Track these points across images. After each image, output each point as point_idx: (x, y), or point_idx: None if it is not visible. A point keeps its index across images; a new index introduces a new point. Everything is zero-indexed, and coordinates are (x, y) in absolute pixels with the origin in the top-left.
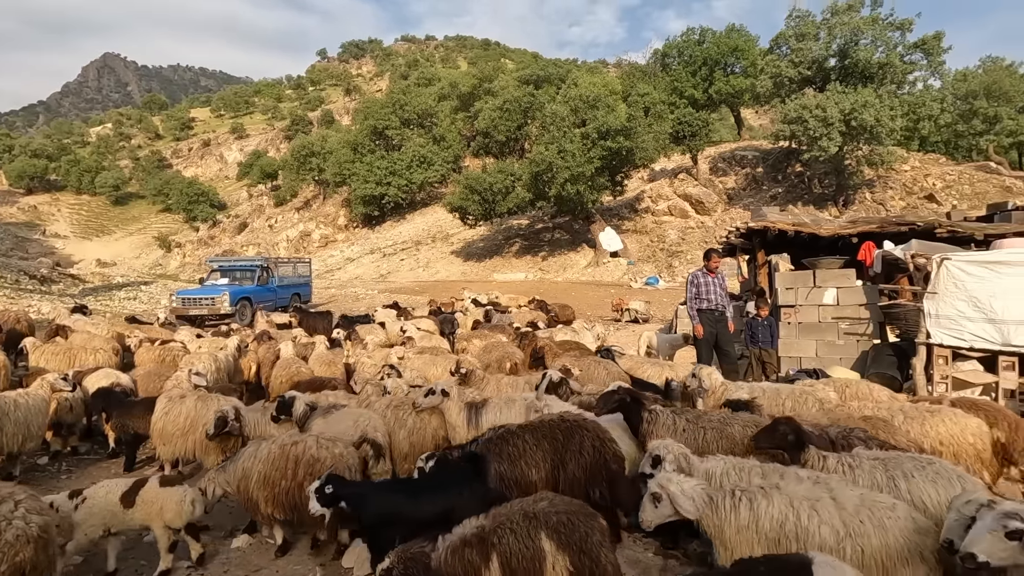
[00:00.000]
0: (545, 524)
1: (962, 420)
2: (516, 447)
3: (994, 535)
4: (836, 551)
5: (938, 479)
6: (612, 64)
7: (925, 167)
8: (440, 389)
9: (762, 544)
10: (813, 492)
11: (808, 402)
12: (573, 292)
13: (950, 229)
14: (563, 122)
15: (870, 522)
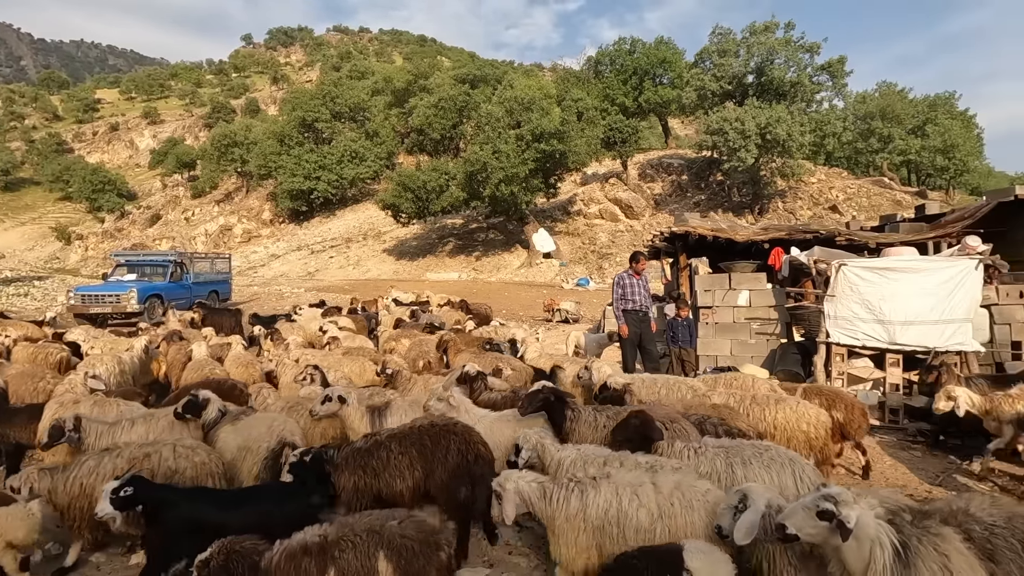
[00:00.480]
0: (388, 545)
1: (800, 409)
2: (381, 459)
3: (807, 512)
4: (649, 531)
5: (772, 464)
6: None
7: (830, 180)
8: (336, 395)
9: (587, 531)
10: (638, 478)
11: (680, 390)
12: (506, 292)
13: (848, 238)
14: (498, 123)
15: (680, 504)
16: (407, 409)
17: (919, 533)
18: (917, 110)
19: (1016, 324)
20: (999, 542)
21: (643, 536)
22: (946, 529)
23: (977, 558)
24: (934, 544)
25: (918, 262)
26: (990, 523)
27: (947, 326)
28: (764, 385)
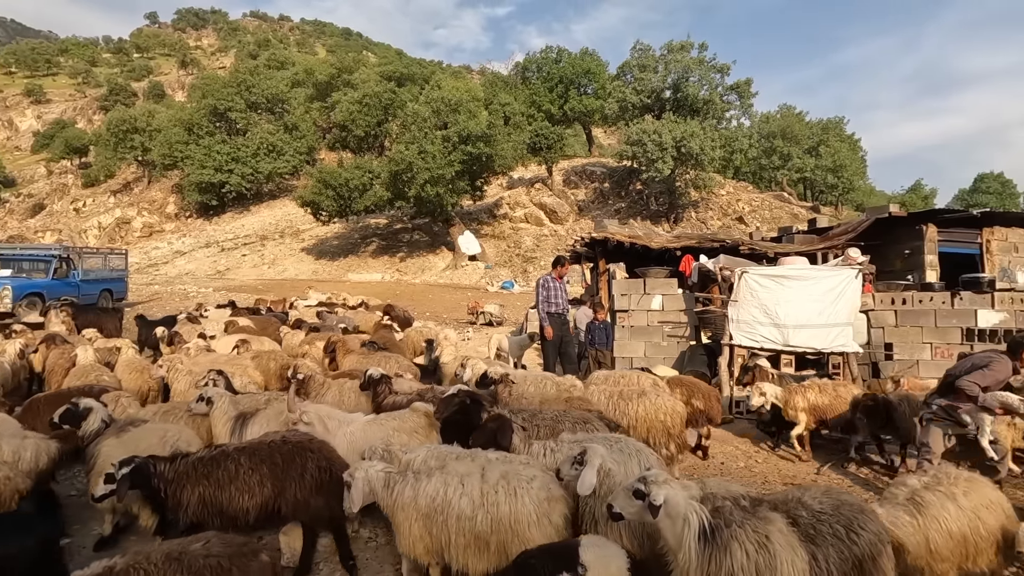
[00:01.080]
0: (190, 569)
1: (658, 402)
2: (228, 471)
3: (626, 493)
4: (471, 518)
5: (619, 455)
6: (476, 71)
7: (737, 193)
8: (207, 396)
9: (419, 520)
10: (469, 469)
11: (547, 386)
12: (431, 294)
13: (750, 247)
14: (425, 123)
15: (504, 492)
16: (273, 419)
17: (743, 517)
18: (812, 132)
19: (888, 328)
20: (823, 527)
21: (465, 523)
22: (773, 514)
23: (799, 540)
24: (754, 526)
25: (808, 271)
26: (818, 510)
27: (832, 329)
28: (647, 381)
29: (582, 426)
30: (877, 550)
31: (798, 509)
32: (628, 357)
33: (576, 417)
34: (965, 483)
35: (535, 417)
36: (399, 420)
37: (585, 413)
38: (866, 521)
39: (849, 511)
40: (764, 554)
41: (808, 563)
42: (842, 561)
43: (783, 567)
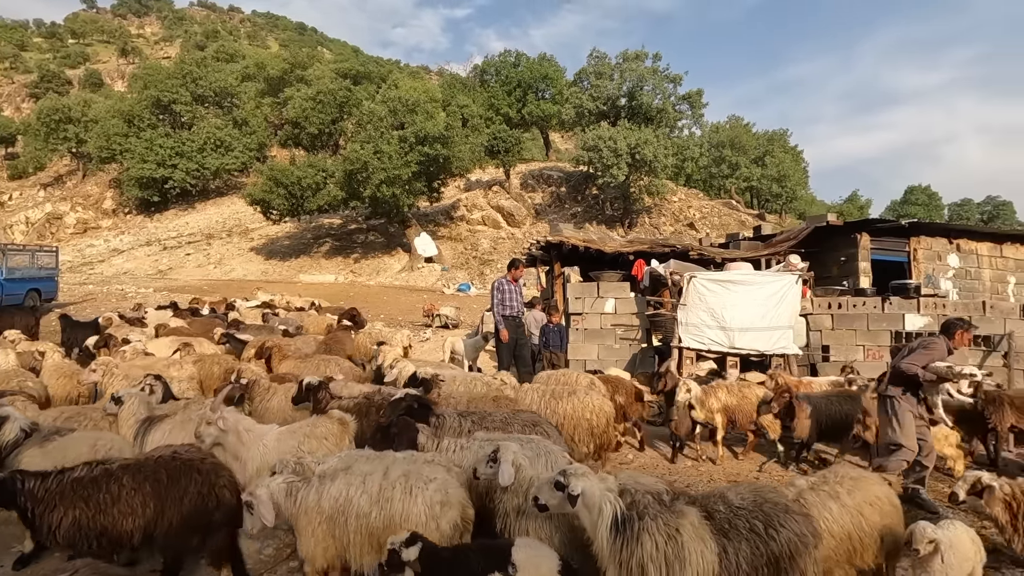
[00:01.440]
0: None
1: (585, 400)
2: (111, 493)
3: (548, 485)
4: (367, 515)
5: (530, 453)
6: (434, 72)
7: (689, 200)
8: (119, 395)
9: (324, 523)
10: (373, 467)
11: (476, 385)
12: (386, 296)
13: (699, 252)
14: (381, 122)
15: (401, 490)
16: (179, 426)
17: (657, 510)
18: (759, 143)
19: (825, 330)
20: (740, 523)
21: (363, 521)
22: (688, 508)
23: (711, 533)
24: (666, 519)
25: (752, 276)
26: (738, 506)
27: (774, 332)
28: (585, 380)
29: (531, 428)
30: (796, 549)
31: (717, 504)
32: (582, 359)
33: (526, 420)
34: (851, 481)
35: (485, 419)
36: (310, 427)
37: (535, 416)
38: (788, 520)
39: (771, 509)
40: (673, 545)
41: (718, 555)
42: (754, 556)
43: (691, 557)
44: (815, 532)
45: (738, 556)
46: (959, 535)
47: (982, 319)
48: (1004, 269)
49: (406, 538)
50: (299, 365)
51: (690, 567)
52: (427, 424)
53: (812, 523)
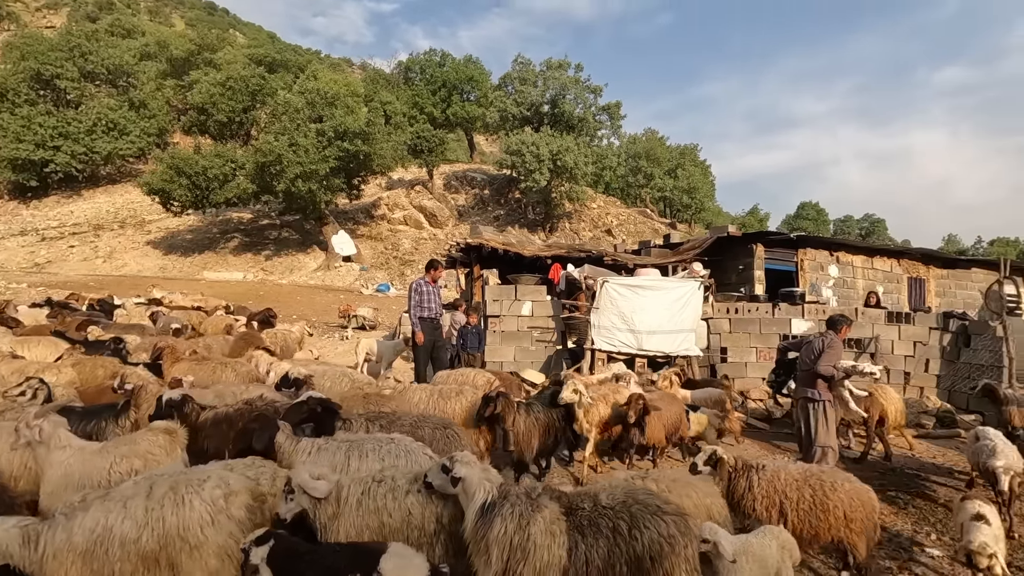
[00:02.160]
0: None
1: (473, 399)
2: None
3: (438, 467)
4: (137, 539)
5: (388, 455)
6: (357, 65)
7: (607, 207)
8: None
9: (78, 560)
10: (135, 490)
11: (343, 382)
12: (299, 296)
13: (613, 258)
14: (298, 114)
15: (170, 504)
16: None
17: (518, 501)
18: (672, 155)
19: (724, 334)
20: (602, 521)
21: (130, 547)
22: (549, 503)
23: (566, 528)
24: (523, 509)
25: (659, 281)
26: (604, 505)
27: (679, 335)
28: (481, 379)
29: (442, 431)
30: (661, 551)
31: (583, 502)
32: (499, 361)
33: (436, 423)
34: (668, 483)
35: (394, 423)
36: (130, 444)
37: (445, 419)
38: (655, 521)
39: (639, 510)
40: (520, 534)
41: (567, 550)
42: (612, 555)
43: (536, 548)
44: (687, 533)
45: (592, 553)
46: (760, 541)
47: (854, 324)
48: (874, 279)
49: (256, 537)
50: (193, 368)
51: (533, 556)
52: (332, 428)
53: (686, 525)
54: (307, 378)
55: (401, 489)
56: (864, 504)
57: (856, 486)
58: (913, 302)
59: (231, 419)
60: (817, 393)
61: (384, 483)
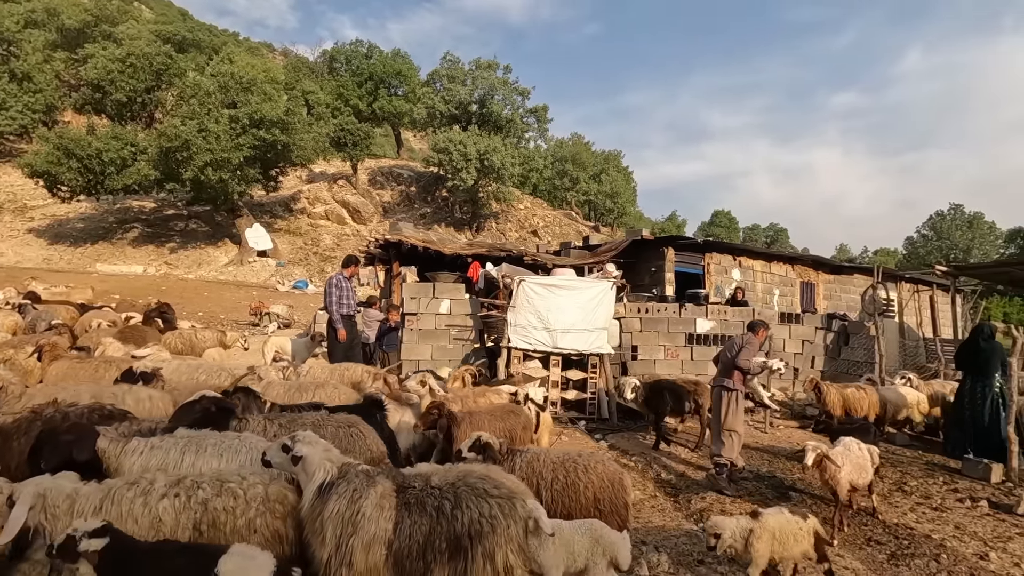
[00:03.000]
0: None
1: (333, 393)
2: None
3: (278, 447)
4: None
5: (226, 452)
6: (278, 51)
7: (533, 208)
8: None
9: None
10: None
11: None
12: (207, 292)
13: (533, 258)
14: (209, 98)
15: None
16: None
17: (356, 478)
18: (596, 161)
19: (635, 332)
20: (429, 500)
21: None
22: (383, 480)
23: (394, 503)
24: (356, 485)
25: (574, 281)
26: (434, 485)
27: (591, 334)
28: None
29: (346, 430)
30: (481, 531)
31: (416, 481)
32: (415, 360)
33: (340, 421)
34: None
35: (295, 422)
36: None
37: (350, 417)
38: (479, 503)
39: (465, 491)
40: (351, 509)
41: (393, 524)
42: (433, 532)
43: (364, 522)
44: (511, 515)
45: (415, 530)
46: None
47: None
48: (772, 283)
49: (94, 528)
50: (74, 367)
51: (362, 530)
52: (226, 428)
53: (511, 507)
54: (155, 371)
55: (156, 493)
56: (614, 486)
57: (609, 469)
58: (804, 304)
59: (6, 433)
60: (732, 383)
61: (137, 486)
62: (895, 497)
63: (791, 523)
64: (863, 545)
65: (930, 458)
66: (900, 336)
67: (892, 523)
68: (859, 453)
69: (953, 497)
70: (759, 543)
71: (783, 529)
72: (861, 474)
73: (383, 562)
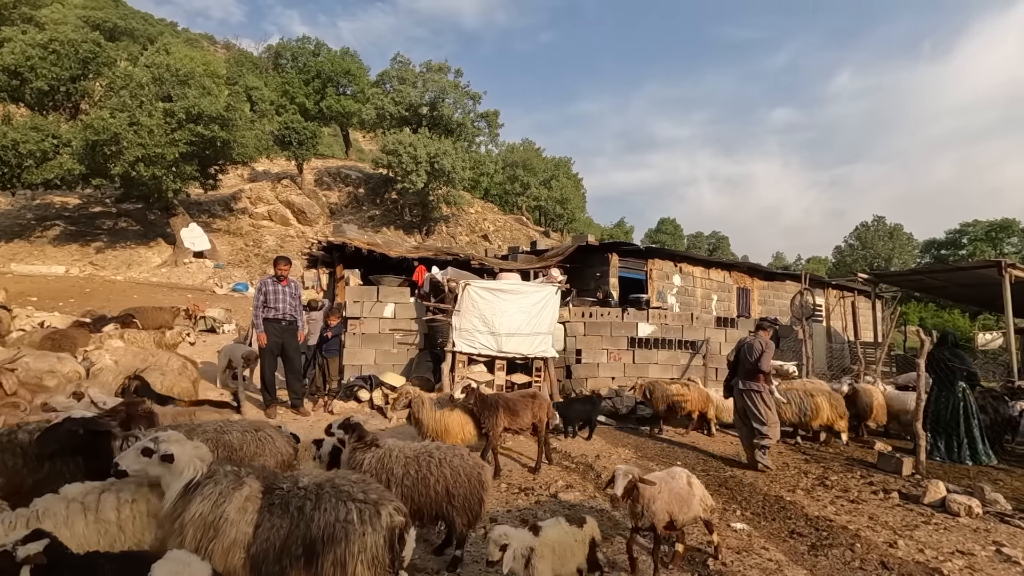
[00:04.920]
0: None
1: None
2: None
3: (135, 451)
4: None
5: None
6: (220, 44)
7: (484, 213)
8: None
9: None
10: None
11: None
12: (136, 294)
13: (480, 262)
14: (142, 90)
15: None
16: None
17: (224, 478)
18: (547, 167)
19: (579, 337)
20: (292, 502)
21: None
22: (251, 481)
23: (259, 506)
24: (223, 487)
25: (519, 285)
26: (300, 486)
27: (536, 337)
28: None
29: (253, 434)
30: (334, 535)
31: (284, 483)
32: (358, 364)
33: (246, 426)
34: None
35: (194, 431)
36: None
37: (258, 421)
38: (336, 506)
39: (328, 494)
40: (215, 512)
41: (254, 527)
42: (290, 535)
43: (229, 524)
44: (370, 522)
45: (275, 532)
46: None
47: (689, 328)
48: (710, 289)
49: (26, 535)
50: None
51: (224, 535)
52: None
53: (375, 513)
54: None
55: None
56: (470, 480)
57: (466, 463)
58: (740, 309)
59: None
60: (758, 386)
61: None
62: (818, 491)
63: (569, 535)
64: (786, 538)
65: (850, 454)
66: (827, 340)
67: (814, 516)
68: (683, 485)
69: (869, 490)
70: (541, 563)
71: (562, 543)
72: (682, 507)
73: (240, 565)
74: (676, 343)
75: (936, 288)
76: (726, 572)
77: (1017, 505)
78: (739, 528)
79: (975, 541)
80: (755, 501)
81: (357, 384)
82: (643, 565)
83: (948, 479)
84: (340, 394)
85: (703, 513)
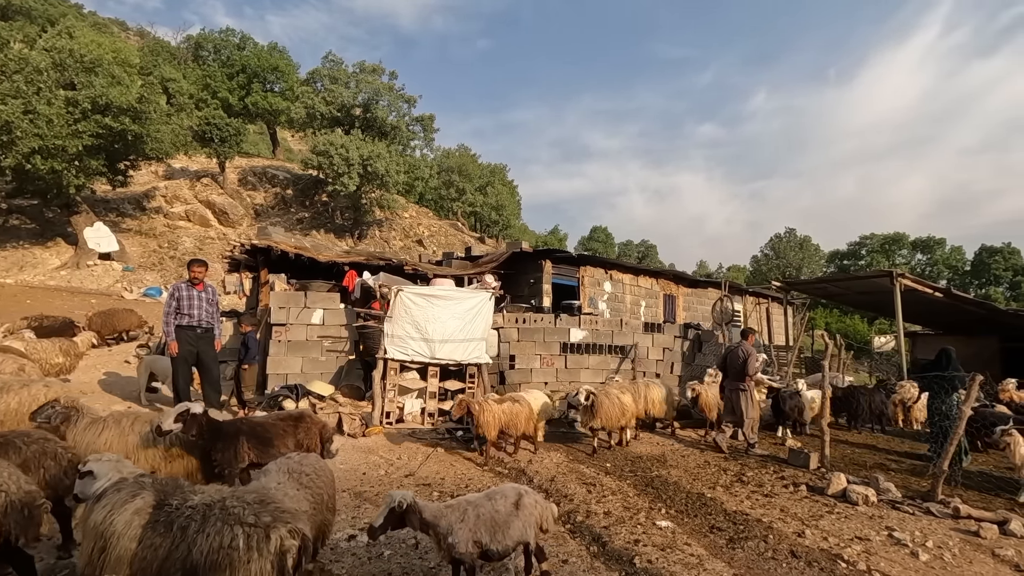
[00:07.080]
0: None
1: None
2: None
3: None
4: None
5: None
6: (133, 31)
7: (419, 217)
8: None
9: None
10: None
11: None
12: (30, 299)
13: (413, 267)
14: (39, 76)
15: None
16: None
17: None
18: (483, 173)
19: (513, 342)
20: (179, 520)
21: None
22: (145, 494)
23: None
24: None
25: (453, 291)
26: (190, 504)
27: (470, 344)
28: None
29: None
30: (217, 561)
31: (175, 498)
32: (283, 373)
33: None
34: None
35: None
36: None
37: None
38: (223, 531)
39: (217, 515)
40: (106, 522)
41: (137, 540)
42: (170, 557)
43: (116, 537)
44: (257, 547)
45: (152, 552)
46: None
47: (619, 333)
48: (639, 295)
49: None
50: None
51: (112, 547)
52: None
53: (264, 538)
54: None
55: None
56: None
57: (320, 466)
58: (666, 315)
59: None
60: (744, 386)
61: None
62: (736, 487)
63: None
64: (707, 533)
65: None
66: None
67: (732, 511)
68: (503, 507)
69: (780, 484)
70: None
71: None
72: (495, 535)
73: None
74: (607, 348)
75: (838, 295)
76: (651, 569)
77: (905, 492)
78: (663, 526)
79: (871, 527)
80: (679, 499)
81: (282, 394)
82: None
83: (848, 471)
84: (263, 404)
85: (533, 540)
